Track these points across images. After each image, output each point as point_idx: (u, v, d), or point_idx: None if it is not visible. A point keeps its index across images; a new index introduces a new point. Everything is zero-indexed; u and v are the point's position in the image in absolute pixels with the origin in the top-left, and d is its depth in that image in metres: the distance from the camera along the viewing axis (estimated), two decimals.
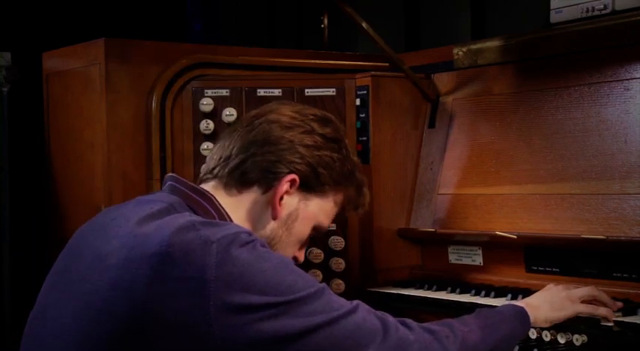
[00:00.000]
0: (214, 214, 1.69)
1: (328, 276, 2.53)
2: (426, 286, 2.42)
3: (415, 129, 2.65)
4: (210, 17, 4.49)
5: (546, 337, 2.03)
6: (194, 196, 1.70)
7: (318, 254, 2.53)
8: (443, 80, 2.66)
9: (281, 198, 1.74)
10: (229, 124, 2.52)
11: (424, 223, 2.55)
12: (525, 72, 2.45)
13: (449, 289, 2.35)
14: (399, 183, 2.60)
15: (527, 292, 2.19)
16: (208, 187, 1.76)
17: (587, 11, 2.32)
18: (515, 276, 2.33)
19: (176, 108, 2.53)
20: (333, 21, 3.32)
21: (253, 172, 1.73)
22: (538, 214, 2.30)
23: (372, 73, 2.58)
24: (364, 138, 2.56)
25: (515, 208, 2.36)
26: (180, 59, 2.54)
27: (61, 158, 2.78)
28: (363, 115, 2.57)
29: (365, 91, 2.56)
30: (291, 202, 1.75)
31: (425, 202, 2.58)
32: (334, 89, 2.58)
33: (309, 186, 1.76)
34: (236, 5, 4.59)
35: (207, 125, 2.52)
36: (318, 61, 2.73)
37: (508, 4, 3.53)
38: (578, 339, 1.98)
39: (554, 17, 2.41)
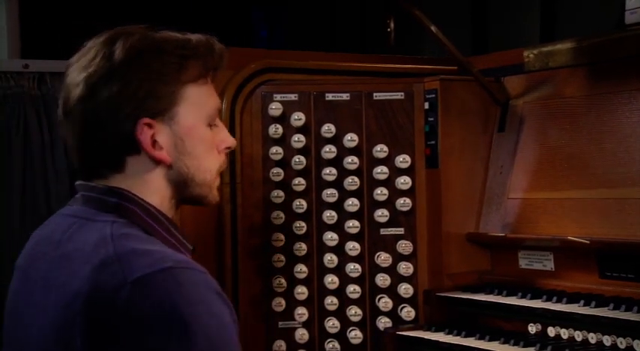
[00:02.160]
0: (137, 210, 1.62)
1: (396, 280, 2.53)
2: (496, 291, 2.39)
3: (484, 133, 2.62)
4: (275, 23, 4.53)
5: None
6: (108, 198, 1.62)
7: (386, 258, 2.52)
8: (513, 83, 2.63)
9: (155, 143, 1.63)
10: (298, 128, 2.54)
11: (494, 228, 2.53)
12: (598, 74, 2.41)
13: (519, 294, 2.32)
14: (468, 187, 2.58)
15: (600, 299, 2.15)
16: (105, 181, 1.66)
17: None
18: (588, 282, 2.28)
19: (245, 112, 2.56)
20: (398, 24, 3.32)
21: (110, 151, 1.63)
22: (611, 219, 2.25)
23: (441, 76, 2.56)
24: (433, 142, 2.55)
25: (588, 213, 2.32)
26: (249, 64, 2.57)
27: None
28: (431, 119, 2.55)
29: (434, 95, 2.55)
30: (165, 137, 1.64)
31: (494, 207, 2.56)
32: (402, 93, 2.58)
33: (161, 111, 1.63)
34: (300, 10, 4.62)
35: (276, 130, 2.55)
36: (385, 65, 2.73)
37: (577, 6, 3.48)
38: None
39: (629, 18, 2.36)
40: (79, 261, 1.52)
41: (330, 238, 2.52)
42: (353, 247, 2.52)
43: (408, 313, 2.50)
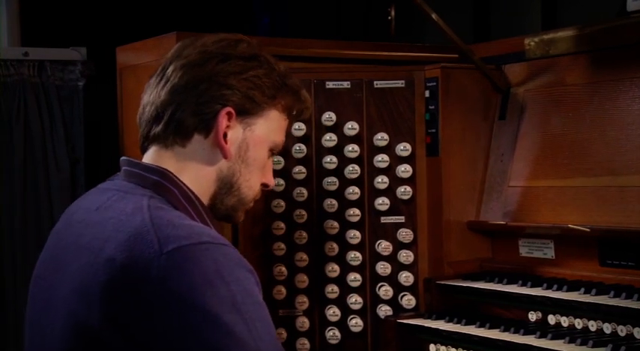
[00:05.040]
0: (175, 191, 1.66)
1: (397, 268, 2.53)
2: (497, 279, 2.39)
3: (485, 121, 2.62)
4: (277, 10, 4.52)
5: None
6: (149, 176, 1.67)
7: (386, 247, 2.53)
8: (514, 71, 2.63)
9: (225, 135, 1.71)
10: None
11: (494, 216, 2.53)
12: (600, 62, 2.40)
13: (520, 282, 2.32)
14: (469, 175, 2.58)
15: (600, 287, 2.15)
16: (152, 154, 1.73)
17: None
18: (588, 270, 2.29)
19: None
20: (399, 12, 3.30)
21: (187, 120, 1.69)
22: (612, 206, 2.25)
23: (442, 64, 2.56)
24: (433, 130, 2.55)
25: (589, 201, 2.32)
26: None
27: (135, 150, 2.83)
28: (432, 107, 2.55)
29: (434, 83, 2.54)
30: (236, 135, 1.72)
31: (495, 195, 2.55)
32: (403, 81, 2.57)
33: (246, 112, 1.73)
34: None
35: None
36: (386, 53, 2.72)
37: None
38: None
39: (632, 5, 2.35)
40: (114, 228, 1.53)
41: (331, 226, 2.52)
42: (354, 236, 2.52)
43: (408, 301, 2.51)
